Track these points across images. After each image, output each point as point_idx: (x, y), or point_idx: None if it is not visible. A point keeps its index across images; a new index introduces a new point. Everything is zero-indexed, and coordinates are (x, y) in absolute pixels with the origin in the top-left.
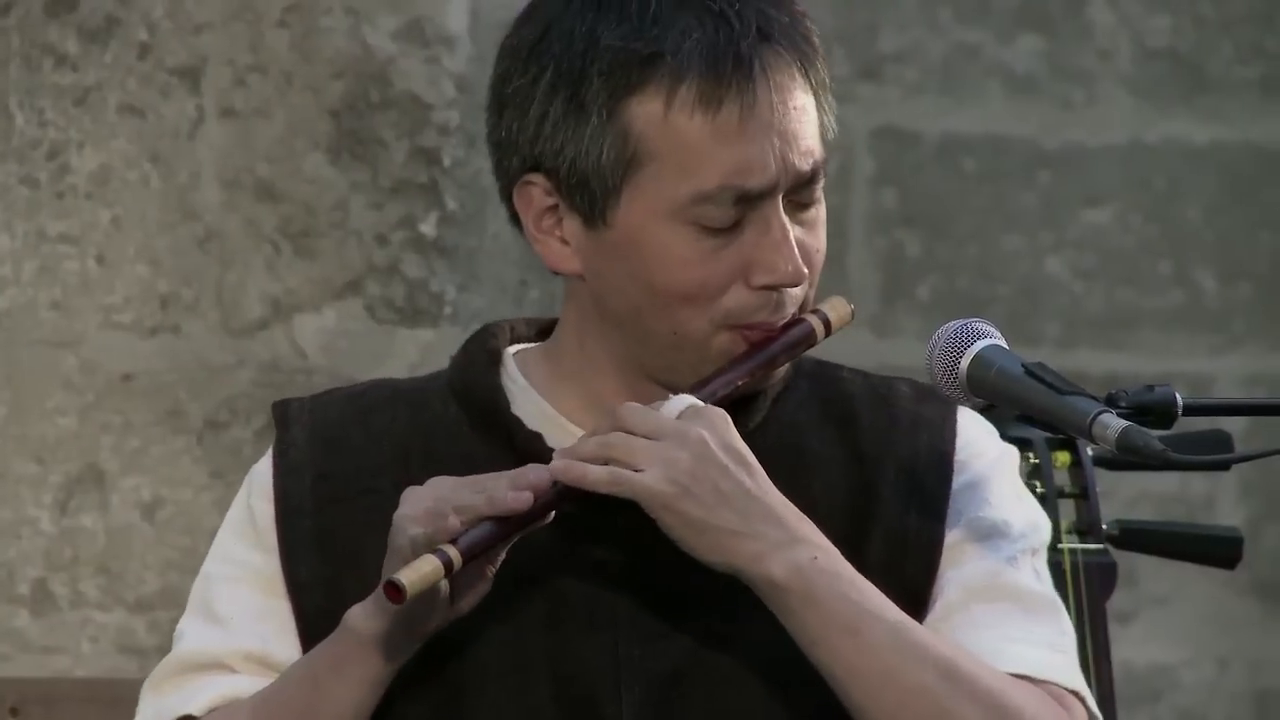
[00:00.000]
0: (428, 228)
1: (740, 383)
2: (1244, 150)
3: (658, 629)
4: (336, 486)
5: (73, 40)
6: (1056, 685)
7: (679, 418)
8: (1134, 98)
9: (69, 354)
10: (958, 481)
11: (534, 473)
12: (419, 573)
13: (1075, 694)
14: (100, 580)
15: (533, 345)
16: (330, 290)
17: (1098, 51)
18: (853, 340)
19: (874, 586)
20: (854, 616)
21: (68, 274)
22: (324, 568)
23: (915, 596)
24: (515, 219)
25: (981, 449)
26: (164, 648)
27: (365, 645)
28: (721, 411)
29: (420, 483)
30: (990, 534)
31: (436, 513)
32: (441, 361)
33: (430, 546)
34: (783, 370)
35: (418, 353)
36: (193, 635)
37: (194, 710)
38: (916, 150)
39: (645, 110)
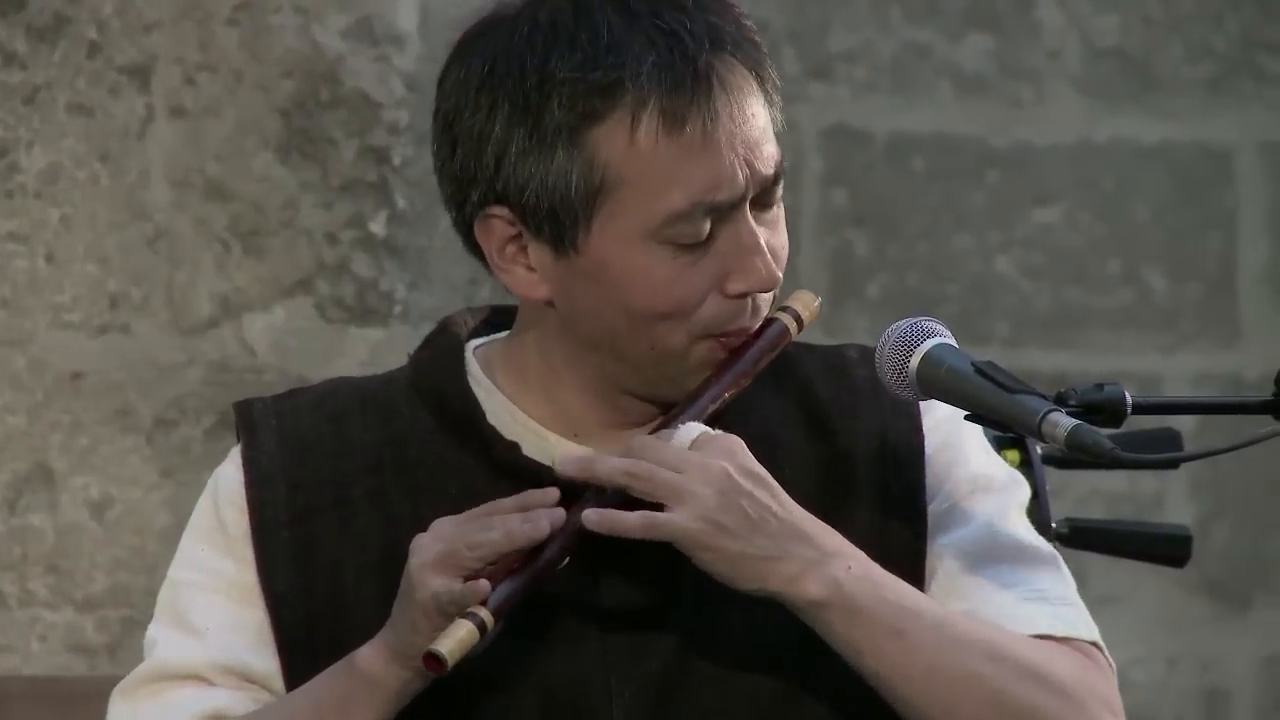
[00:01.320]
0: (377, 226)
1: (728, 394)
2: (1193, 149)
3: (645, 631)
4: (311, 497)
5: (21, 39)
6: (1080, 640)
7: (691, 447)
8: (1083, 97)
9: (18, 353)
10: (931, 444)
11: (549, 517)
12: (456, 640)
13: (1094, 645)
14: (49, 579)
15: (489, 341)
16: (280, 289)
17: (1047, 51)
18: (802, 339)
19: (903, 581)
20: (896, 618)
21: (17, 273)
22: (300, 579)
23: (908, 567)
24: (475, 250)
25: (940, 407)
26: (113, 646)
27: (375, 688)
28: (735, 437)
29: (393, 491)
30: (974, 491)
31: (455, 562)
32: (391, 360)
33: (459, 607)
34: None
35: (368, 351)
36: (166, 644)
37: None
38: (866, 149)
39: (610, 138)
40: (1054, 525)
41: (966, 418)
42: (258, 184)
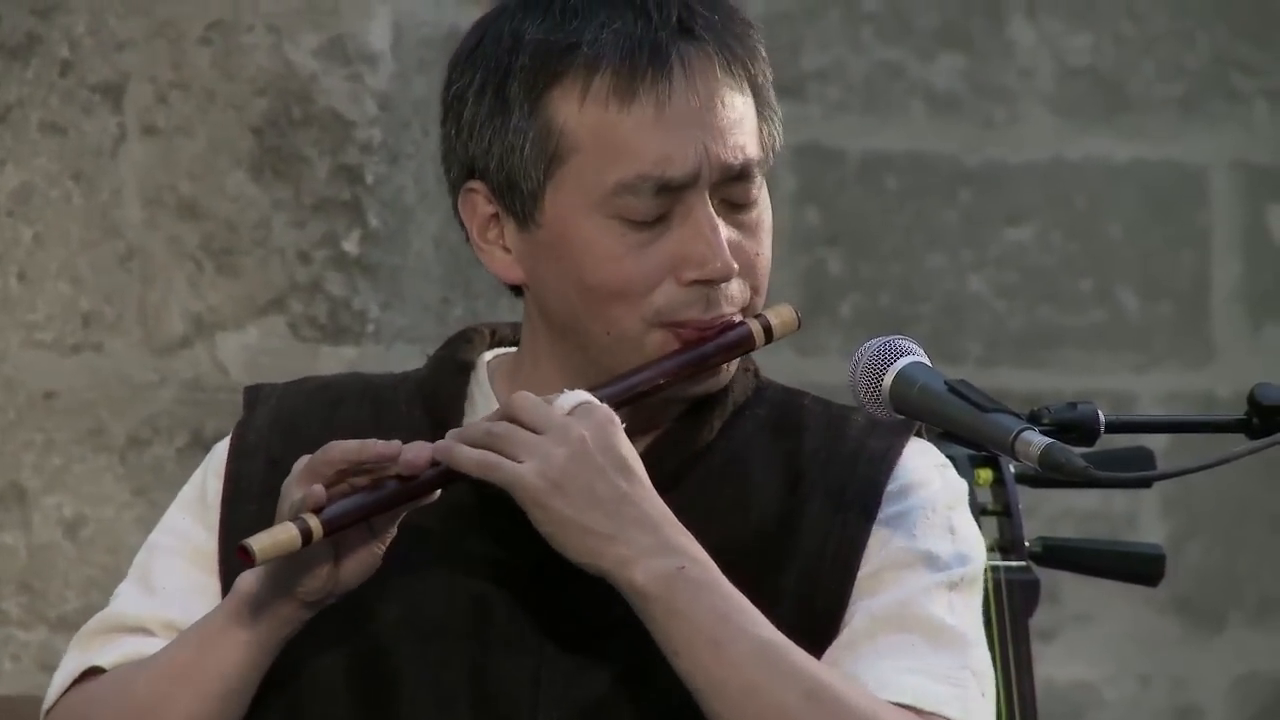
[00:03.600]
0: (350, 245)
1: (663, 380)
2: (1165, 168)
3: (581, 659)
4: (286, 474)
5: None
6: (941, 716)
7: (570, 414)
8: (1055, 116)
9: None
10: (884, 513)
11: (417, 447)
12: (273, 539)
13: None
14: (22, 598)
15: (505, 353)
16: (253, 308)
17: (1019, 70)
18: (775, 358)
19: (749, 603)
20: (718, 629)
21: None
22: None
23: (826, 623)
24: (466, 232)
25: (921, 481)
26: None
27: (250, 607)
28: (609, 412)
29: None
30: (910, 565)
31: (311, 470)
32: None
33: (296, 512)
34: (739, 388)
35: (341, 370)
36: (125, 598)
37: (103, 663)
38: (839, 168)
39: (563, 102)
40: (1027, 544)
41: (940, 435)
42: (230, 203)
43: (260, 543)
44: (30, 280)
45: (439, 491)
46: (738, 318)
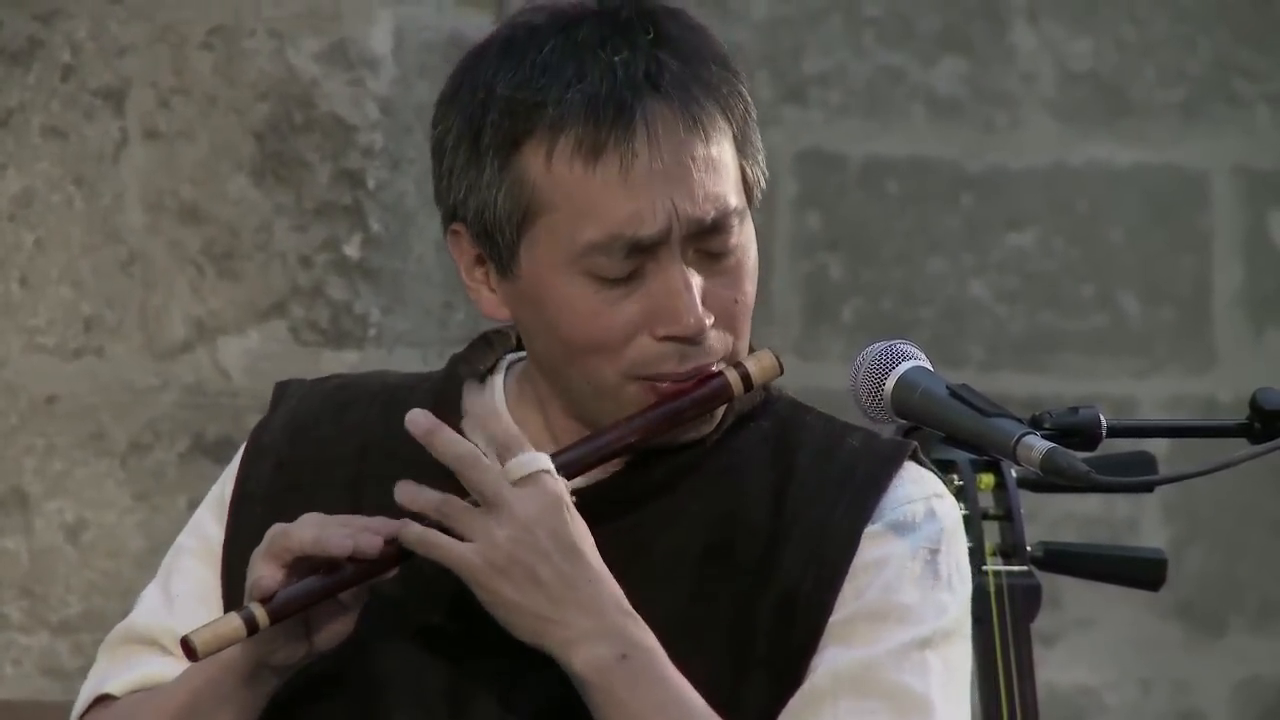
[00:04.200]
0: (351, 250)
1: (634, 439)
2: (1166, 173)
3: (555, 680)
4: (294, 476)
5: None
6: None
7: (521, 481)
8: (1057, 121)
9: None
10: (863, 556)
11: (387, 527)
12: (215, 633)
13: None
14: (24, 603)
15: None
16: (254, 312)
17: (1020, 74)
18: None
19: (692, 692)
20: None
21: None
22: None
23: (799, 657)
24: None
25: (905, 521)
26: (88, 670)
27: (227, 670)
28: (557, 489)
29: (370, 480)
30: (883, 618)
31: (271, 552)
32: None
33: (249, 598)
34: (742, 399)
35: None
36: (146, 605)
37: (114, 690)
38: (840, 173)
39: (531, 161)
40: (1028, 548)
41: (942, 440)
42: (232, 207)
43: (201, 636)
44: (32, 285)
45: (396, 569)
46: (717, 367)
